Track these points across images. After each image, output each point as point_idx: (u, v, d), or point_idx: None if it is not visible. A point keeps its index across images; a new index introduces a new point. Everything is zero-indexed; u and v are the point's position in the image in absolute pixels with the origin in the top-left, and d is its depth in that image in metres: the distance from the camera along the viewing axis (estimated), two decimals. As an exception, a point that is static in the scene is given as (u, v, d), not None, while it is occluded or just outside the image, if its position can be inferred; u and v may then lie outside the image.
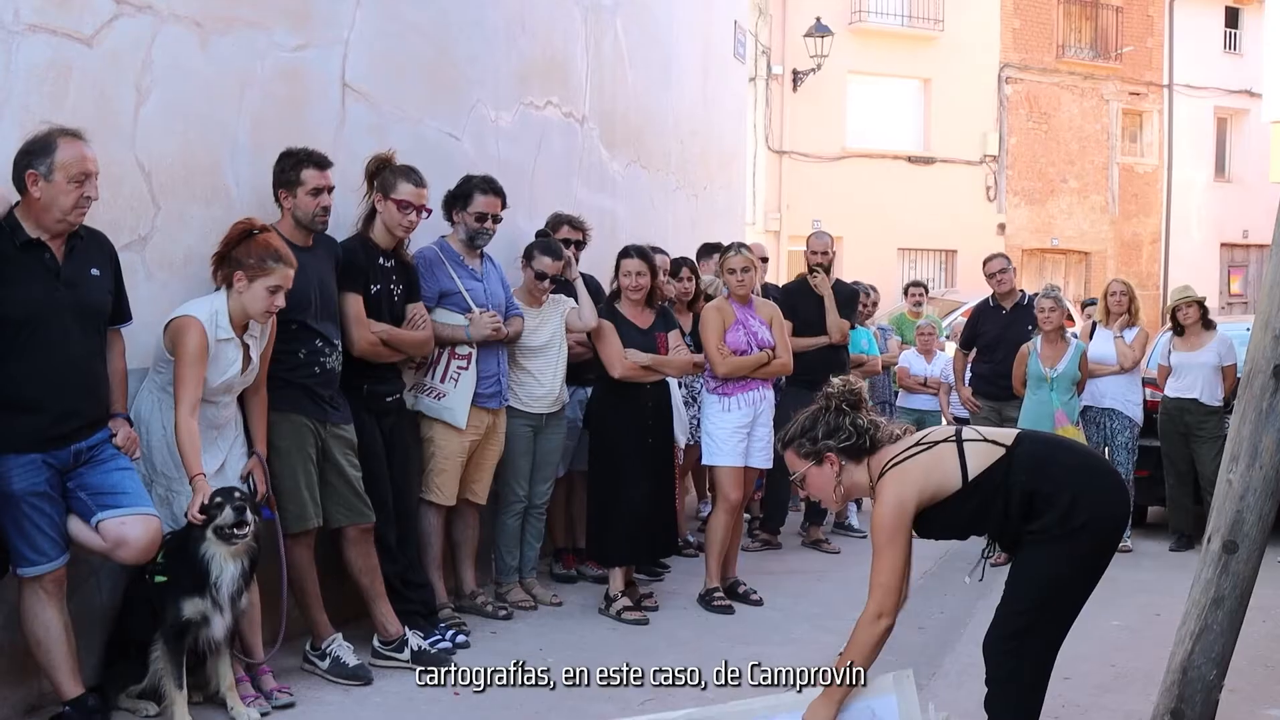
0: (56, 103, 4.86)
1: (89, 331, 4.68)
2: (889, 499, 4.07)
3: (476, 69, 7.52)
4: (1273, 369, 3.11)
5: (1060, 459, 4.10)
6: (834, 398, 4.26)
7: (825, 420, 4.25)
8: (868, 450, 4.22)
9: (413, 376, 6.51)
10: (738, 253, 7.54)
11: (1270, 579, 8.20)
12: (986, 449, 4.07)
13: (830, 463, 4.22)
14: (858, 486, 4.26)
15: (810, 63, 23.82)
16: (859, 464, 4.22)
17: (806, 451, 4.26)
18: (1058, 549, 3.99)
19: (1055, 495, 3.98)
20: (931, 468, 4.07)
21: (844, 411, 4.24)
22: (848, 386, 4.30)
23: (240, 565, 4.98)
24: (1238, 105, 29.66)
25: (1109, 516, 4.02)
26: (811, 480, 4.30)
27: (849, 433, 4.20)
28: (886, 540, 4.04)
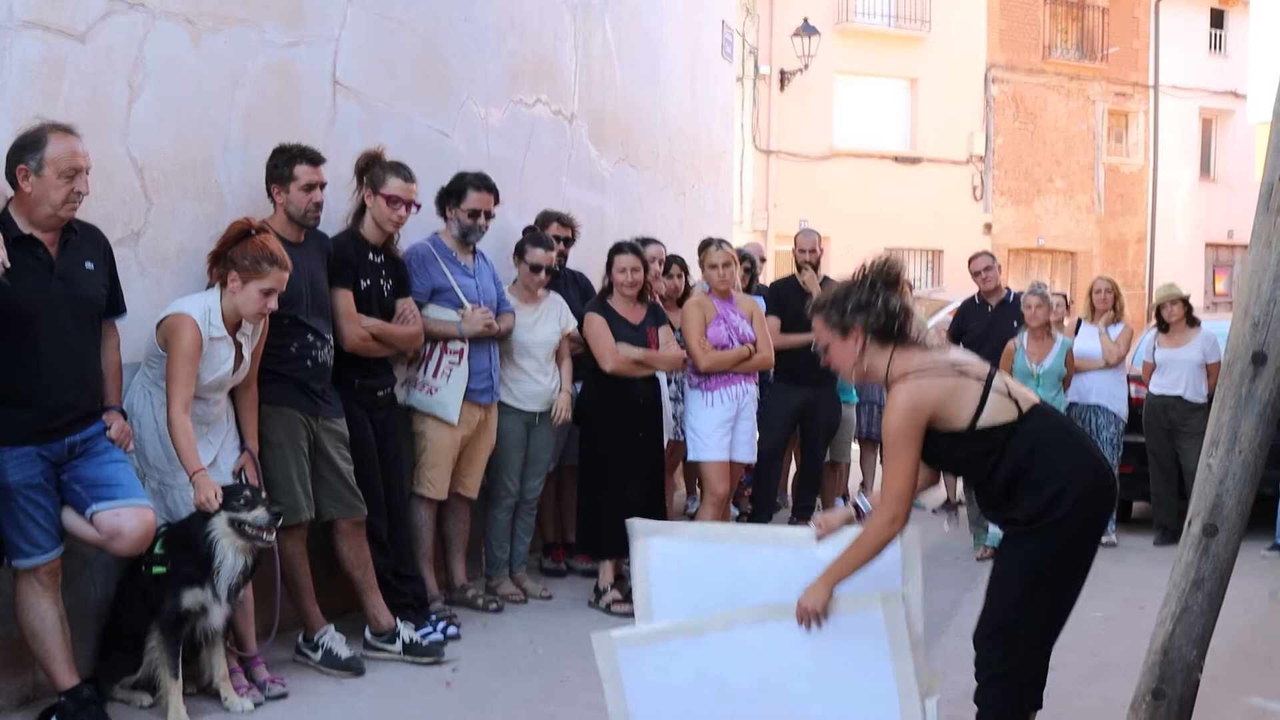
0: (49, 98, 4.90)
1: (83, 325, 4.71)
2: (902, 404, 3.97)
3: (466, 66, 7.56)
4: (1251, 355, 3.16)
5: (1060, 445, 4.02)
6: (870, 272, 4.14)
7: (858, 294, 4.13)
8: (895, 337, 4.11)
9: (405, 371, 6.55)
10: (719, 248, 7.59)
11: (1253, 571, 8.31)
12: (1004, 405, 3.98)
13: (855, 338, 4.12)
14: (875, 372, 4.14)
15: (798, 63, 23.88)
16: (884, 349, 4.11)
17: (833, 322, 4.15)
18: (1036, 543, 3.97)
19: (1042, 483, 3.95)
20: (951, 396, 3.97)
21: (877, 289, 4.11)
22: (887, 262, 4.16)
23: (245, 561, 5.03)
24: (1223, 106, 29.77)
25: (1090, 510, 3.98)
26: (834, 352, 4.20)
27: (879, 313, 4.09)
28: (899, 446, 3.97)
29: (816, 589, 4.09)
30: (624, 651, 4.25)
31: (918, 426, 3.96)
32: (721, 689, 4.22)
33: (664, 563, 4.50)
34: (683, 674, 4.22)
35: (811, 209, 22.08)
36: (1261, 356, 3.15)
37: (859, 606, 4.12)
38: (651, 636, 4.30)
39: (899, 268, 4.19)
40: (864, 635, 4.14)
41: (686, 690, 4.23)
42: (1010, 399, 3.99)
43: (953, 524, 4.76)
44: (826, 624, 4.10)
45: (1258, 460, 3.21)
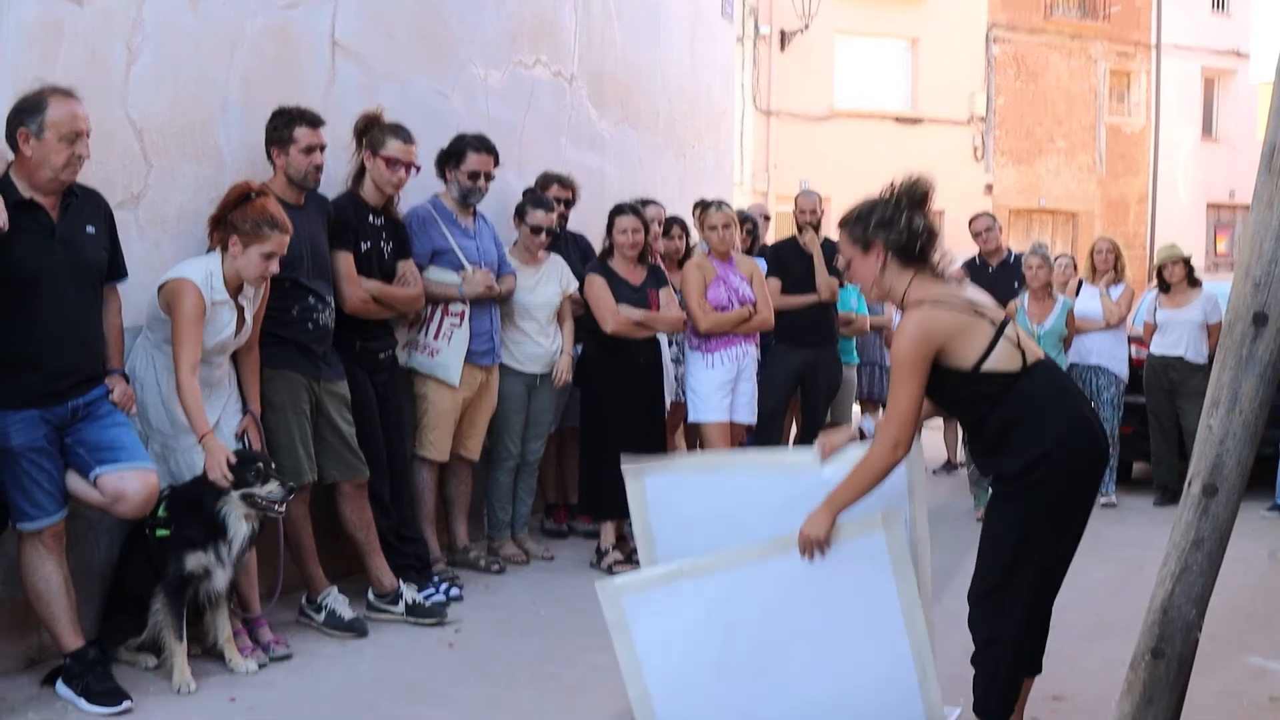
0: (48, 61, 4.88)
1: (85, 289, 4.71)
2: (913, 330, 3.94)
3: (466, 28, 7.53)
4: (1252, 316, 3.16)
5: (1055, 404, 3.99)
6: (897, 189, 4.10)
7: (882, 210, 4.09)
8: (917, 259, 4.08)
9: (406, 334, 6.55)
10: (719, 209, 7.59)
11: (1253, 531, 8.35)
12: (1010, 355, 3.94)
13: (876, 254, 4.08)
14: (893, 293, 4.11)
15: (798, 22, 23.75)
16: (905, 270, 4.07)
17: (856, 237, 4.11)
18: (1024, 502, 3.96)
19: (1031, 439, 3.93)
20: (962, 332, 3.93)
21: (902, 207, 4.08)
22: (916, 181, 4.12)
23: (252, 528, 5.06)
24: (1225, 66, 29.62)
25: (1079, 471, 3.98)
26: (856, 267, 4.15)
27: (902, 230, 4.05)
28: (905, 371, 3.93)
29: (818, 516, 4.07)
30: (629, 598, 4.22)
31: (926, 354, 3.93)
32: (730, 628, 4.20)
33: (662, 499, 4.50)
34: (691, 617, 4.20)
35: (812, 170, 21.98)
36: (1262, 317, 3.15)
37: (861, 532, 4.11)
38: (656, 581, 4.27)
39: (928, 187, 4.13)
40: (867, 561, 4.14)
41: (696, 633, 4.20)
42: (1018, 349, 3.96)
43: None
44: (829, 552, 4.09)
45: (1258, 421, 3.21)
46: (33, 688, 4.80)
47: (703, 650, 4.22)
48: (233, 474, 4.96)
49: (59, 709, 4.61)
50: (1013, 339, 3.97)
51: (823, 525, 4.06)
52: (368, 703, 4.87)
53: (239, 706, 4.76)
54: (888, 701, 4.27)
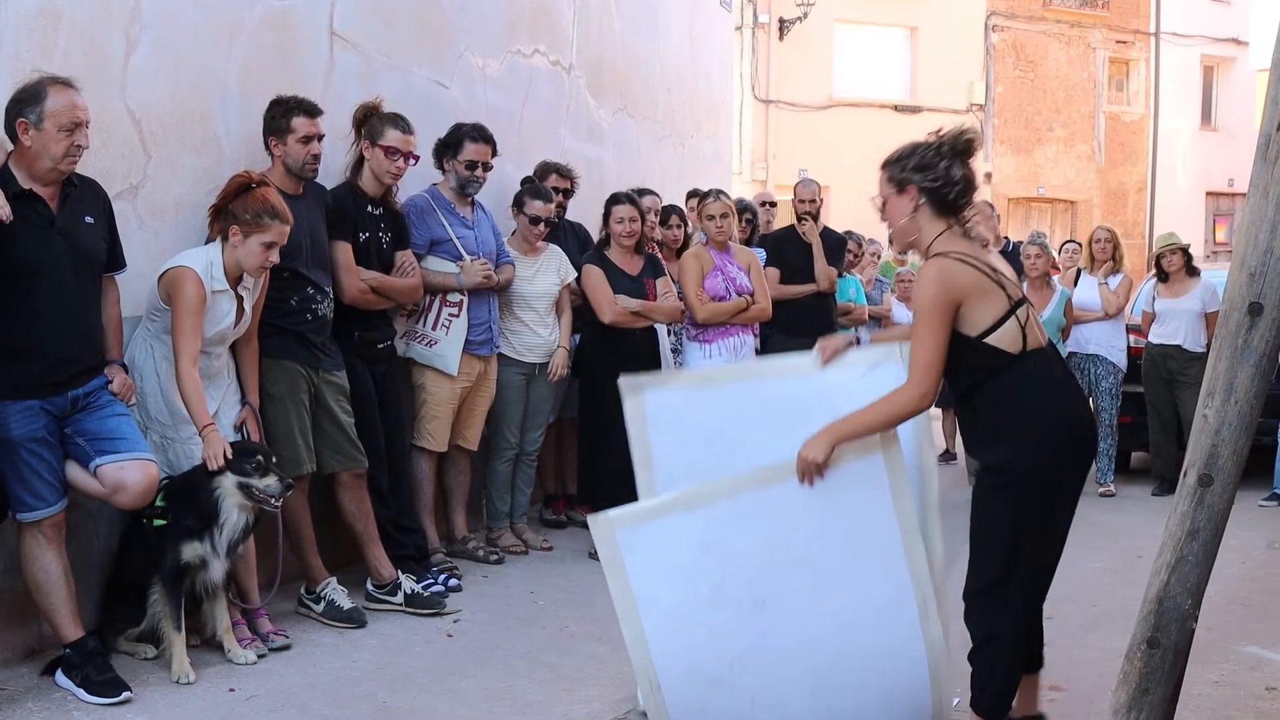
0: (46, 51, 4.87)
1: (84, 279, 4.71)
2: (934, 275, 3.91)
3: (464, 17, 7.53)
4: (1248, 306, 3.16)
5: (1046, 392, 3.97)
6: (942, 136, 4.08)
7: (923, 153, 4.07)
8: (950, 209, 4.06)
9: (404, 324, 6.55)
10: (716, 199, 7.58)
11: (1249, 521, 8.36)
12: (1014, 335, 3.92)
13: (911, 197, 4.06)
14: (920, 240, 4.10)
15: (797, 11, 23.72)
16: (936, 219, 4.05)
17: (893, 176, 4.10)
18: (1010, 494, 3.94)
19: (1016, 432, 3.93)
20: (978, 296, 3.91)
21: (944, 153, 4.05)
22: (963, 132, 4.10)
23: (247, 519, 5.07)
24: (1224, 54, 29.60)
25: (1064, 464, 3.97)
26: (890, 207, 4.13)
27: (940, 176, 4.03)
28: (929, 319, 3.89)
29: (818, 441, 3.99)
30: (623, 533, 4.05)
31: (948, 303, 3.89)
32: (728, 560, 4.06)
33: (661, 417, 4.43)
34: (687, 550, 4.06)
35: (811, 159, 21.98)
36: (1258, 307, 3.15)
37: (860, 454, 4.04)
38: (650, 513, 4.12)
39: (974, 138, 4.12)
40: (866, 485, 4.07)
41: (693, 566, 4.06)
42: (1022, 332, 3.94)
43: None
44: (827, 476, 4.01)
45: (1253, 411, 3.22)
46: (32, 678, 4.81)
47: (700, 584, 4.07)
48: (231, 463, 4.96)
49: (58, 699, 4.62)
50: (1021, 320, 3.95)
51: (822, 450, 3.97)
52: (366, 693, 4.88)
53: (238, 696, 4.77)
54: (889, 636, 4.18)
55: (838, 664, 4.16)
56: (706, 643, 4.11)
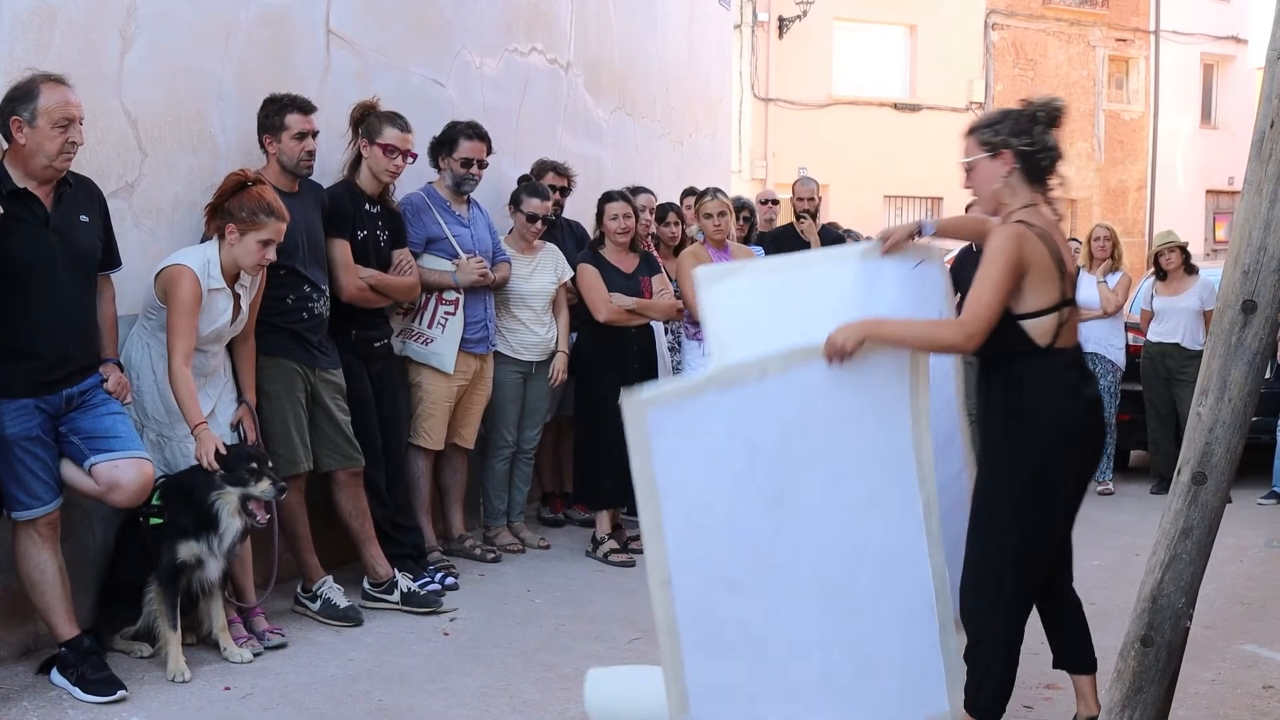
0: (41, 50, 4.87)
1: (79, 278, 4.71)
2: (1014, 237, 3.90)
3: (461, 15, 7.52)
4: (1241, 304, 3.15)
5: (1061, 397, 3.95)
6: (1035, 105, 4.07)
7: (1017, 118, 4.06)
8: (1040, 177, 4.07)
9: (400, 322, 6.55)
10: (714, 198, 7.58)
11: (1248, 519, 8.36)
12: (1046, 330, 3.93)
13: (1005, 161, 4.04)
14: (1006, 206, 4.07)
15: (796, 9, 23.70)
16: (1026, 188, 4.05)
17: (986, 140, 4.07)
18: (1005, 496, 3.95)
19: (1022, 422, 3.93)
20: (1037, 278, 3.91)
21: (1038, 120, 4.04)
22: (1052, 101, 4.10)
23: (244, 523, 5.07)
24: (1224, 51, 29.57)
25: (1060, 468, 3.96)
26: (979, 171, 4.11)
27: (1034, 140, 4.03)
28: (997, 276, 3.87)
29: (853, 329, 3.97)
30: (654, 413, 3.85)
31: (1018, 267, 3.88)
32: (751, 447, 3.94)
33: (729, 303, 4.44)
34: (713, 433, 3.91)
35: (810, 157, 21.96)
36: (1251, 305, 3.14)
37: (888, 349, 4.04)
38: (683, 393, 4.00)
39: (1063, 108, 4.13)
40: (886, 378, 4.06)
41: (717, 451, 3.92)
42: (1056, 329, 3.94)
43: None
44: (851, 366, 3.98)
45: (1247, 409, 3.21)
46: (28, 676, 4.81)
47: (722, 472, 3.93)
48: (229, 469, 4.96)
49: (53, 698, 4.62)
50: (1062, 319, 3.94)
51: (853, 339, 3.94)
52: (363, 691, 4.88)
53: (233, 695, 4.77)
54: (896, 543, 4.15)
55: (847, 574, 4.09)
56: (723, 539, 3.96)
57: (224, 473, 4.96)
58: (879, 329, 4.02)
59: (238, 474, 4.98)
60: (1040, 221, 3.98)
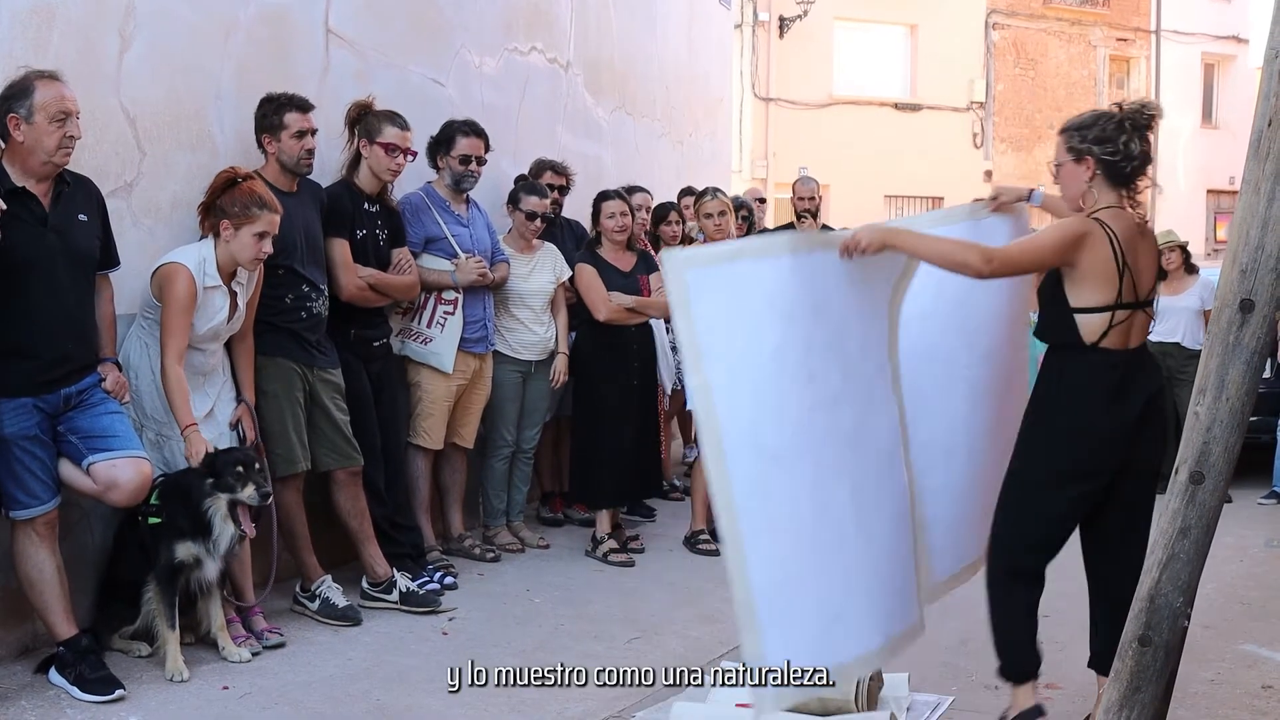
0: (39, 49, 4.86)
1: (78, 277, 4.71)
2: (1076, 231, 4.07)
3: (461, 14, 7.51)
4: (1239, 302, 3.15)
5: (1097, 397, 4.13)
6: (1124, 109, 4.19)
7: (1103, 124, 4.17)
8: (1124, 181, 4.18)
9: (399, 322, 6.55)
10: (714, 197, 7.59)
11: (1248, 519, 8.36)
12: (1095, 328, 4.09)
13: (1087, 166, 4.17)
14: (1089, 207, 4.20)
15: (797, 9, 23.69)
16: (1110, 191, 4.17)
17: (1073, 145, 4.21)
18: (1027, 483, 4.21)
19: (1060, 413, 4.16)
20: (1095, 274, 4.06)
21: (1125, 128, 4.14)
22: (1145, 104, 4.21)
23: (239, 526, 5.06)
24: (1225, 51, 29.57)
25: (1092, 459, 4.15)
26: (1065, 173, 4.26)
27: (1117, 149, 4.13)
28: (1045, 248, 4.09)
29: (878, 233, 4.07)
30: (693, 273, 3.84)
31: (1063, 250, 4.05)
32: (788, 318, 3.93)
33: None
34: (752, 301, 3.89)
35: (811, 157, 21.95)
36: (1249, 304, 3.14)
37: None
38: (719, 257, 4.05)
39: (1155, 112, 4.20)
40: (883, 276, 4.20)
41: (757, 320, 3.89)
42: (1107, 328, 4.08)
43: None
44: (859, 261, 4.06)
45: (1245, 408, 3.21)
46: (26, 676, 4.80)
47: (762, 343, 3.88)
48: (216, 475, 4.94)
49: (51, 697, 4.61)
50: (1114, 320, 4.08)
51: (875, 241, 4.02)
52: (361, 691, 4.87)
53: (232, 694, 4.76)
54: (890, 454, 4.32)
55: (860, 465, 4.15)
56: (767, 410, 3.90)
57: (212, 479, 4.94)
58: (902, 239, 4.13)
59: (224, 480, 4.96)
60: (1118, 224, 4.09)
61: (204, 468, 4.94)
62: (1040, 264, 4.16)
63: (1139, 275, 4.12)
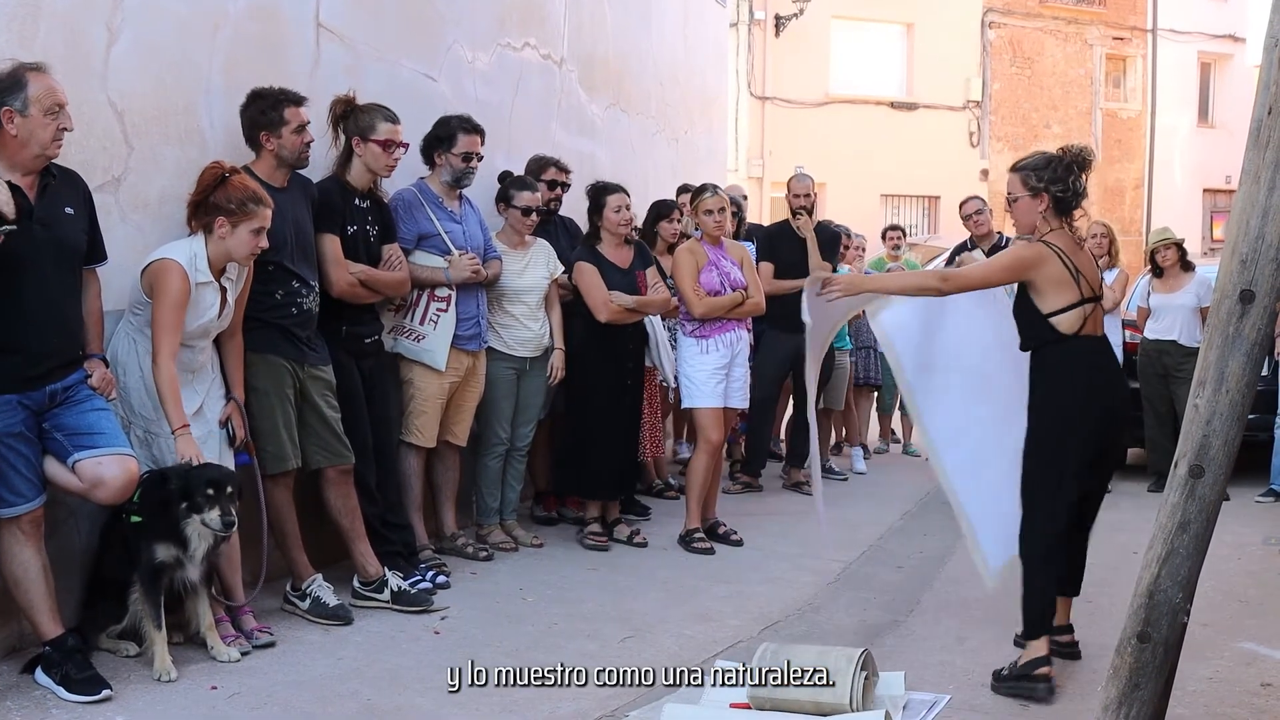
0: (26, 42, 4.81)
1: (64, 271, 4.65)
2: (1027, 254, 5.02)
3: (453, 9, 7.47)
4: (1239, 294, 3.11)
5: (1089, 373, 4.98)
6: (1070, 153, 5.09)
7: (1056, 167, 5.06)
8: (1067, 211, 5.08)
9: (392, 319, 6.50)
10: (713, 194, 7.54)
11: (1246, 517, 8.33)
12: (1072, 322, 4.95)
13: (1042, 201, 5.05)
14: (1038, 231, 5.08)
15: (793, 8, 23.66)
16: (1056, 217, 5.06)
17: (1029, 183, 5.08)
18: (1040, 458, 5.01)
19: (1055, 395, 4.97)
20: (1054, 283, 4.94)
21: (1073, 169, 5.06)
22: (1084, 150, 5.12)
23: (215, 539, 4.99)
24: (1222, 50, 29.55)
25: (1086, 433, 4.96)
26: (1020, 206, 5.12)
27: (1067, 188, 5.04)
28: (997, 268, 5.18)
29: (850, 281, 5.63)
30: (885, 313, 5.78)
31: (1020, 273, 5.04)
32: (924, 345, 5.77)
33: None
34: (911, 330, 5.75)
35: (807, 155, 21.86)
36: (1249, 295, 3.09)
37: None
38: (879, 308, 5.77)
39: (1092, 157, 5.15)
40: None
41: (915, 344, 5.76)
42: (1081, 321, 4.97)
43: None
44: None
45: (1245, 401, 3.16)
46: (12, 676, 4.75)
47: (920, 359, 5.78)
48: (187, 494, 4.86)
49: (37, 697, 4.56)
50: (1086, 313, 4.98)
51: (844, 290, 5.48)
52: (351, 690, 4.82)
53: (220, 694, 4.71)
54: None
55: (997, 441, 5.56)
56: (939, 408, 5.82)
57: (185, 500, 4.86)
58: (866, 283, 5.64)
59: (194, 500, 4.87)
60: (1061, 241, 5.01)
61: (178, 480, 4.86)
62: (988, 283, 5.24)
63: (1088, 276, 5.02)
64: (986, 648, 5.49)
